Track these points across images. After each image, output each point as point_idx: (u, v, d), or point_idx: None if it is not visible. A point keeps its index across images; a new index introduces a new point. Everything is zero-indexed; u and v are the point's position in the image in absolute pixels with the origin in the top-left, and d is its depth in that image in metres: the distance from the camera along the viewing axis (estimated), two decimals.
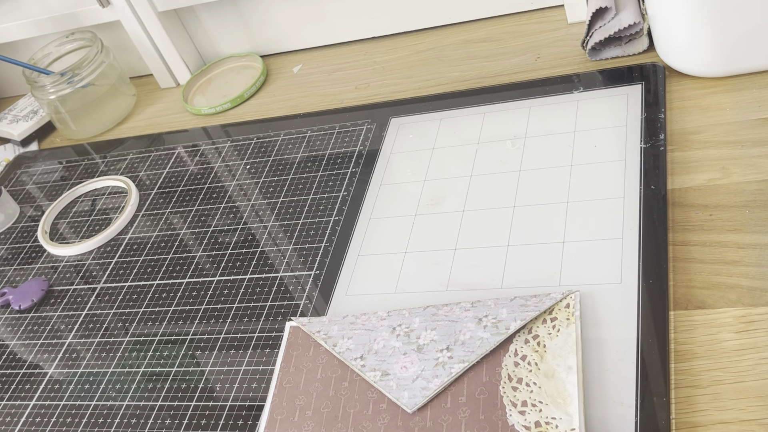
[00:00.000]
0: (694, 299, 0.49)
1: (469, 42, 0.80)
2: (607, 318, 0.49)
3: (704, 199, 0.55)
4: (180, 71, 0.93)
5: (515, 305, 0.51)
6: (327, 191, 0.69)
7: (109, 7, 0.88)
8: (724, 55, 0.61)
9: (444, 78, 0.77)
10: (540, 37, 0.77)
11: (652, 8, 0.64)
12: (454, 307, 0.53)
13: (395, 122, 0.72)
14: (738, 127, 0.59)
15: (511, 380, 0.48)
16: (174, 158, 0.81)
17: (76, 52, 0.91)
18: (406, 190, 0.65)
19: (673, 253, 0.52)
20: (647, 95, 0.63)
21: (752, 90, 0.61)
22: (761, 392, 0.44)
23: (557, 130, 0.64)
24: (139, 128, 0.90)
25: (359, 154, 0.71)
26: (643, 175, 0.57)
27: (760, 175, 0.55)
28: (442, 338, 0.51)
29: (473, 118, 0.69)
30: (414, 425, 0.48)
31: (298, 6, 0.87)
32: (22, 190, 0.86)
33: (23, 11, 0.94)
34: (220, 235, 0.69)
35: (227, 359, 0.58)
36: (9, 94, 1.09)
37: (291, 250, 0.65)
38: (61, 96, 0.88)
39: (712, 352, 0.46)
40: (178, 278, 0.67)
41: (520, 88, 0.70)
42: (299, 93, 0.84)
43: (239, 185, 0.74)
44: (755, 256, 0.50)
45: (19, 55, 0.98)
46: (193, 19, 0.91)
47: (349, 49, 0.88)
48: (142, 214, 0.76)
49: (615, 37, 0.69)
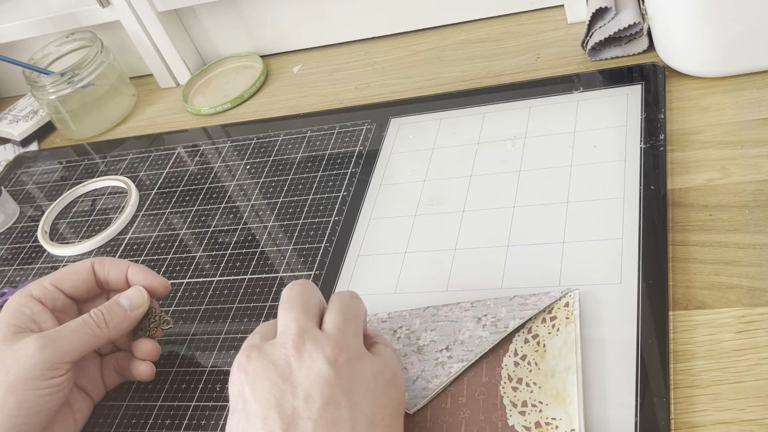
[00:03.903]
0: (694, 299, 0.49)
1: (469, 42, 0.80)
2: (607, 318, 0.49)
3: (704, 199, 0.55)
4: (180, 71, 0.93)
5: (514, 304, 0.51)
6: (327, 191, 0.69)
7: (109, 7, 0.88)
8: (724, 55, 0.61)
9: (444, 78, 0.77)
10: (540, 37, 0.77)
11: (652, 8, 0.64)
12: (453, 307, 0.53)
13: (395, 122, 0.73)
14: (738, 127, 0.59)
15: (511, 380, 0.48)
16: (174, 158, 0.81)
17: (76, 52, 0.91)
18: (406, 190, 0.65)
19: (673, 253, 0.52)
20: (647, 95, 0.63)
21: (752, 90, 0.61)
22: (761, 392, 0.44)
23: (557, 130, 0.64)
24: (139, 128, 0.90)
25: (359, 154, 0.71)
26: (643, 175, 0.57)
27: (760, 175, 0.55)
28: (442, 338, 0.52)
29: (473, 118, 0.69)
30: (414, 426, 0.48)
31: (298, 6, 0.87)
32: (22, 190, 0.86)
33: (23, 11, 0.94)
34: (220, 235, 0.69)
35: (227, 359, 0.58)
36: (9, 94, 1.09)
37: (291, 251, 0.65)
38: (61, 96, 0.88)
39: (712, 352, 0.46)
40: (178, 278, 0.67)
41: (520, 88, 0.70)
42: (299, 93, 0.84)
43: (239, 185, 0.74)
44: (755, 256, 0.50)
45: (19, 55, 0.98)
46: (193, 19, 0.91)
47: (349, 49, 0.88)
48: (142, 214, 0.76)
49: (615, 37, 0.69)
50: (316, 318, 0.46)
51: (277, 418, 0.41)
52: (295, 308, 0.46)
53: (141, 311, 0.56)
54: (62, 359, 0.52)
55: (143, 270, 0.58)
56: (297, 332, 0.44)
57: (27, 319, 0.54)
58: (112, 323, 0.55)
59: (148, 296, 0.57)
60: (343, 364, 0.43)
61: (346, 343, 0.44)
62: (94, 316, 0.54)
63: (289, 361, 0.43)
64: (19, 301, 0.55)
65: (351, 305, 0.47)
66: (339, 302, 0.47)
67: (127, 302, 0.56)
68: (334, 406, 0.41)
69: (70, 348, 0.52)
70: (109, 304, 0.56)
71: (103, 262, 0.58)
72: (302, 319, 0.45)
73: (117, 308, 0.55)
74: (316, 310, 0.47)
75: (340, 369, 0.43)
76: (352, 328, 0.46)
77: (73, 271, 0.58)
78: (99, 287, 0.59)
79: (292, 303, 0.46)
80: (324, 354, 0.43)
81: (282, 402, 0.42)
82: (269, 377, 0.43)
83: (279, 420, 0.41)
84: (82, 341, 0.53)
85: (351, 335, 0.45)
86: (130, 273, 0.58)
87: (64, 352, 0.52)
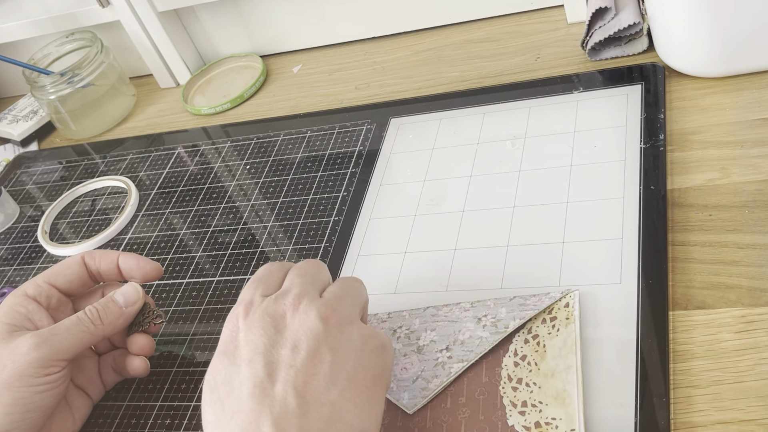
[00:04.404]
0: (694, 299, 0.49)
1: (469, 42, 0.80)
2: (607, 318, 0.49)
3: (704, 199, 0.55)
4: (180, 71, 0.93)
5: (514, 305, 0.51)
6: (327, 191, 0.69)
7: (109, 7, 0.88)
8: (724, 55, 0.61)
9: (444, 78, 0.77)
10: (540, 37, 0.77)
11: (652, 8, 0.64)
12: (453, 307, 0.53)
13: (395, 122, 0.73)
14: (738, 127, 0.59)
15: (511, 380, 0.48)
16: (174, 158, 0.81)
17: (76, 52, 0.92)
18: (406, 190, 0.65)
19: (673, 253, 0.52)
20: (647, 95, 0.63)
21: (752, 90, 0.61)
22: (761, 392, 0.44)
23: (557, 130, 0.64)
24: (139, 128, 0.90)
25: (359, 154, 0.71)
26: (643, 175, 0.57)
27: (760, 175, 0.55)
28: (442, 338, 0.52)
29: (473, 118, 0.69)
30: (414, 426, 0.48)
31: (298, 6, 0.87)
32: (22, 190, 0.86)
33: (23, 11, 0.94)
34: (220, 235, 0.69)
35: None
36: (9, 94, 1.09)
37: (291, 251, 0.65)
38: (61, 96, 0.88)
39: (712, 352, 0.46)
40: (178, 278, 0.67)
41: (520, 88, 0.70)
42: (299, 93, 0.84)
43: (239, 185, 0.74)
44: (755, 256, 0.50)
45: (19, 55, 0.98)
46: (193, 19, 0.91)
47: (349, 49, 0.88)
48: (142, 214, 0.76)
49: (615, 37, 0.69)
50: (319, 289, 0.48)
51: (262, 362, 0.43)
52: (302, 276, 0.48)
53: (136, 307, 0.57)
54: (57, 356, 0.52)
55: (134, 256, 0.58)
56: (298, 292, 0.46)
57: (22, 317, 0.54)
58: (107, 320, 0.55)
59: (143, 292, 0.57)
60: (333, 324, 0.44)
61: (340, 308, 0.46)
62: (89, 313, 0.54)
63: (284, 315, 0.45)
64: (13, 300, 0.55)
65: (354, 285, 0.49)
66: (342, 281, 0.49)
67: (122, 299, 0.56)
68: (318, 359, 0.43)
69: (64, 345, 0.53)
70: (104, 300, 0.56)
71: (93, 254, 0.59)
72: (307, 285, 0.47)
73: (112, 305, 0.56)
74: (322, 284, 0.48)
75: (330, 328, 0.44)
76: (349, 299, 0.47)
77: (65, 267, 0.58)
78: (92, 280, 0.59)
79: (301, 272, 0.48)
80: (318, 312, 0.45)
81: (270, 349, 0.43)
82: (263, 326, 0.44)
83: (263, 364, 0.43)
84: (76, 338, 0.53)
85: (347, 304, 0.47)
86: (121, 261, 0.58)
87: (59, 349, 0.52)
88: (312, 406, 0.41)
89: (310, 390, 0.42)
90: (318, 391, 0.42)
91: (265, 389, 0.42)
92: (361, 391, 0.43)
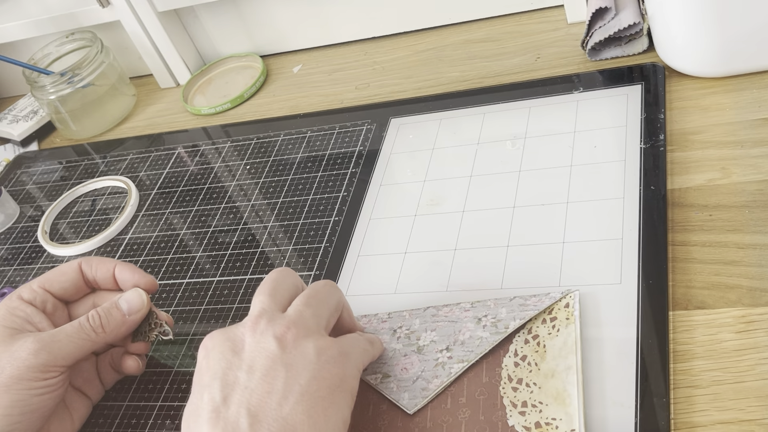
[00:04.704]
0: (694, 299, 0.49)
1: (469, 42, 0.80)
2: (607, 318, 0.49)
3: (704, 199, 0.55)
4: (180, 71, 0.93)
5: (515, 305, 0.51)
6: (327, 191, 0.69)
7: (109, 7, 0.88)
8: (724, 55, 0.61)
9: (444, 78, 0.77)
10: (540, 37, 0.77)
11: (652, 8, 0.64)
12: (454, 307, 0.53)
13: (395, 122, 0.73)
14: (738, 127, 0.59)
15: (511, 381, 0.48)
16: (174, 158, 0.81)
17: (76, 52, 0.92)
18: (406, 191, 0.65)
19: (673, 253, 0.52)
20: (647, 95, 0.63)
21: (752, 90, 0.61)
22: (761, 392, 0.44)
23: (557, 131, 0.64)
24: (139, 128, 0.90)
25: (359, 155, 0.71)
26: (643, 175, 0.57)
27: (760, 175, 0.55)
28: (442, 339, 0.52)
29: (473, 118, 0.69)
30: (414, 426, 0.48)
31: (298, 6, 0.87)
32: (22, 190, 0.86)
33: (23, 11, 0.94)
34: (220, 235, 0.69)
35: None
36: (9, 94, 1.09)
37: (291, 251, 0.65)
38: (61, 96, 0.88)
39: (712, 352, 0.46)
40: (178, 278, 0.67)
41: (520, 88, 0.70)
42: (299, 93, 0.84)
43: (239, 185, 0.74)
44: (755, 257, 0.50)
45: (19, 55, 0.98)
46: (193, 19, 0.91)
47: (349, 49, 0.88)
48: (142, 215, 0.76)
49: (615, 37, 0.69)
50: (283, 302, 0.48)
51: (218, 386, 0.44)
52: (263, 293, 0.48)
53: (140, 315, 0.56)
54: (56, 363, 0.52)
55: (130, 268, 0.58)
56: (257, 313, 0.47)
57: (22, 321, 0.54)
58: (108, 327, 0.55)
59: (147, 299, 0.57)
60: (289, 341, 0.45)
61: (298, 323, 0.46)
62: (91, 320, 0.54)
63: (243, 338, 0.46)
64: (10, 304, 0.55)
65: (320, 292, 0.49)
66: (309, 289, 0.49)
67: (126, 306, 0.56)
68: (272, 377, 0.43)
69: (64, 352, 0.52)
70: (108, 306, 0.55)
71: (90, 261, 0.58)
72: (266, 303, 0.47)
73: (115, 312, 0.55)
74: (288, 295, 0.49)
75: (285, 345, 0.45)
76: (311, 311, 0.47)
77: (61, 273, 0.58)
78: (88, 287, 0.59)
79: (262, 288, 0.49)
80: (274, 332, 0.45)
81: (227, 372, 0.44)
82: (222, 351, 0.45)
83: (220, 388, 0.43)
84: (76, 346, 0.53)
85: (308, 317, 0.47)
86: (117, 271, 0.58)
87: (59, 356, 0.52)
88: (263, 423, 0.42)
89: (263, 408, 0.42)
90: (270, 408, 0.42)
91: (219, 413, 0.42)
92: (316, 402, 0.43)
